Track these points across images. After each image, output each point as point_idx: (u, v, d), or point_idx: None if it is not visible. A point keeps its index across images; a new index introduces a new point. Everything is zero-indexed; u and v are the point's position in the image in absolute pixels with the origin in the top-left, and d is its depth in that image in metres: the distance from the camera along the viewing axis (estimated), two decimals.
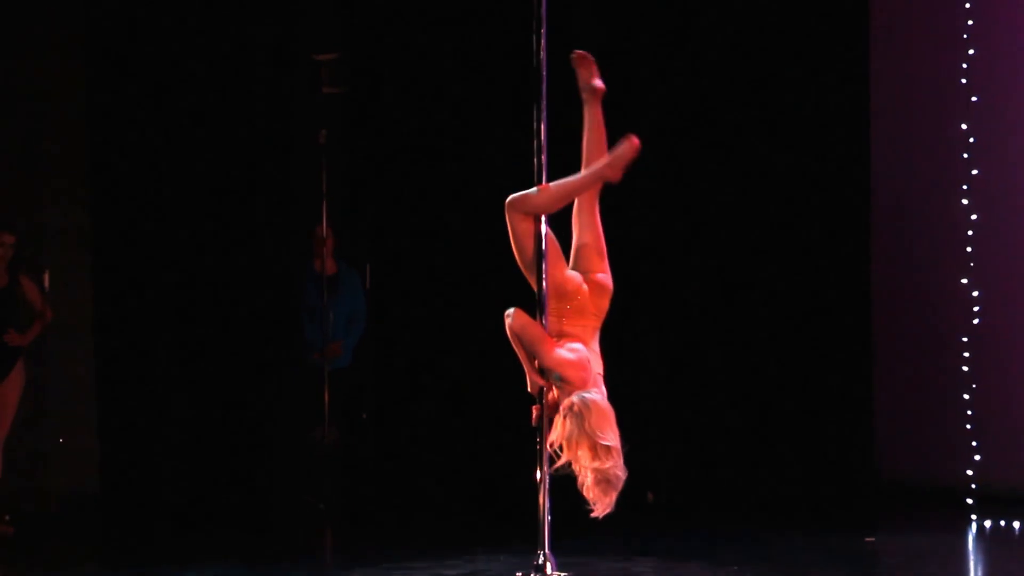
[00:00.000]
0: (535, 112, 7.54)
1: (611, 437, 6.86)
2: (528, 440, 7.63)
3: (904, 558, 9.19)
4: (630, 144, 7.19)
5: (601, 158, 7.22)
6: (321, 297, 11.34)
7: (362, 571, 7.69)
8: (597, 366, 7.16)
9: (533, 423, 7.22)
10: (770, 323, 11.74)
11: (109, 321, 11.34)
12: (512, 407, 10.82)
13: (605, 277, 7.28)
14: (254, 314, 11.31)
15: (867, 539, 9.78)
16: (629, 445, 7.05)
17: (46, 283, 11.24)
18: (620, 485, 6.84)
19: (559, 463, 6.94)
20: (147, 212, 11.32)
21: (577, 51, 7.41)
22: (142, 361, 11.26)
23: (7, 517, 10.62)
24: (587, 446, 6.86)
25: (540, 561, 7.39)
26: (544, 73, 7.51)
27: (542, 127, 7.52)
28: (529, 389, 7.27)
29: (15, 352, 10.69)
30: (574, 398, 6.89)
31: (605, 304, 7.26)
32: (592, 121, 7.42)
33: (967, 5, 11.32)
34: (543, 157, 7.53)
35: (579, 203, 7.31)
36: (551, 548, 7.42)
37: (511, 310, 7.22)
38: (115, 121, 11.35)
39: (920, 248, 11.79)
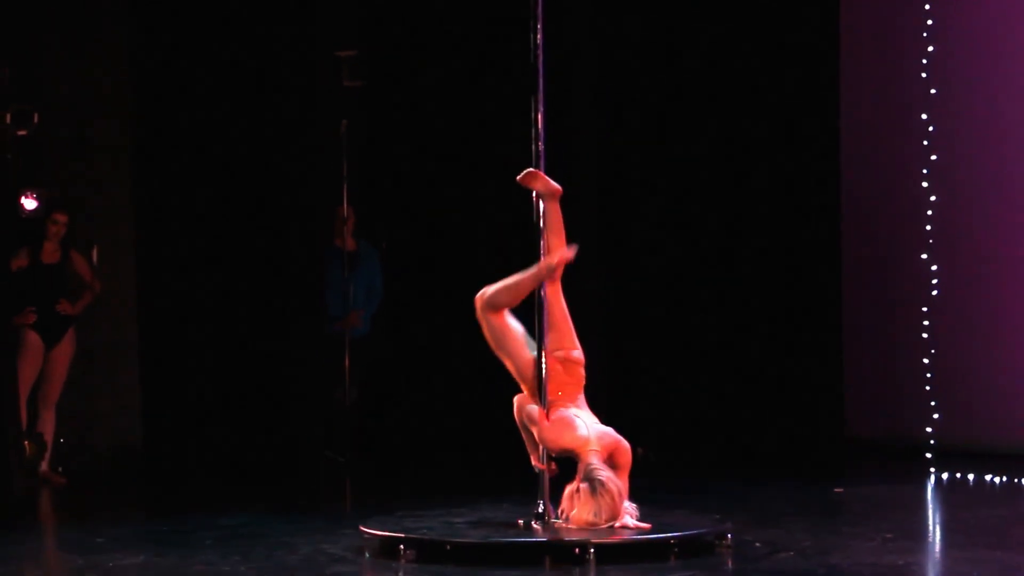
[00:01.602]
0: (533, 103, 7.49)
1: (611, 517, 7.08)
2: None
3: (870, 507, 9.16)
4: (568, 253, 7.39)
5: (547, 256, 7.38)
6: (342, 272, 11.34)
7: (378, 518, 7.64)
8: (586, 416, 7.32)
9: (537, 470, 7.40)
10: (748, 292, 11.67)
11: (151, 292, 11.31)
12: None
13: (576, 352, 7.44)
14: (282, 286, 11.27)
15: (836, 490, 9.73)
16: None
17: (95, 258, 11.22)
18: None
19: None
20: (186, 194, 11.28)
21: (522, 175, 7.42)
22: (181, 329, 11.23)
23: (60, 469, 10.60)
24: (590, 515, 7.08)
25: (540, 509, 7.36)
26: (541, 67, 7.45)
27: (539, 116, 7.46)
28: (533, 463, 7.43)
29: (67, 321, 10.67)
30: (591, 480, 7.07)
31: (580, 372, 7.44)
32: (552, 218, 7.47)
33: (927, 6, 11.29)
34: (540, 145, 7.47)
35: (544, 286, 7.41)
36: (549, 498, 7.40)
37: (515, 399, 7.45)
38: (156, 111, 11.31)
39: (884, 225, 11.76)
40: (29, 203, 10.61)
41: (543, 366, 7.36)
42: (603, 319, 11.70)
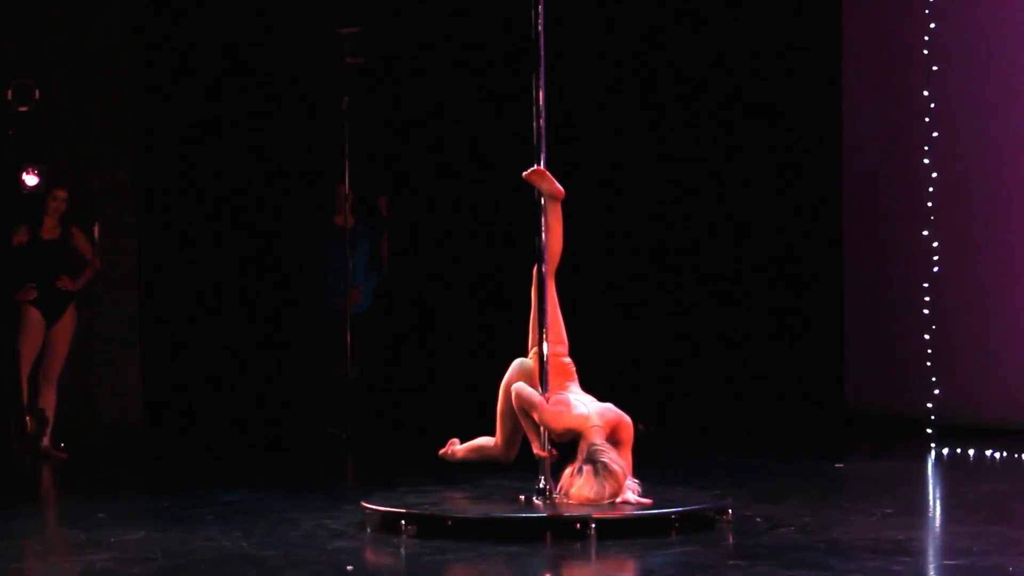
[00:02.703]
0: (534, 79, 7.47)
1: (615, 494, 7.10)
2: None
3: (870, 482, 9.16)
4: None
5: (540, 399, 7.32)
6: (343, 248, 11.33)
7: (379, 494, 7.64)
8: (583, 396, 7.35)
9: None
10: (748, 268, 11.67)
11: (152, 269, 11.30)
12: (514, 346, 10.79)
13: (561, 347, 7.47)
14: (284, 263, 11.26)
15: (836, 465, 9.73)
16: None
17: (95, 234, 11.19)
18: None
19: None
20: (187, 171, 11.27)
21: (528, 172, 7.40)
22: (182, 305, 11.22)
23: (62, 445, 10.59)
24: (592, 495, 7.09)
25: (541, 485, 7.35)
26: (542, 43, 7.43)
27: (540, 92, 7.44)
28: (534, 451, 7.39)
29: (67, 297, 10.65)
30: (595, 462, 7.07)
31: (563, 365, 7.45)
32: (552, 220, 7.47)
33: None
34: (541, 122, 7.45)
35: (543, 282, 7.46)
36: (550, 474, 7.40)
37: (512, 388, 7.41)
38: (158, 89, 11.29)
39: (885, 202, 11.74)
40: (30, 179, 10.59)
41: (544, 358, 7.34)
42: (602, 295, 11.70)
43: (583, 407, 7.27)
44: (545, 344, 7.40)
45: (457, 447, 7.88)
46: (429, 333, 11.67)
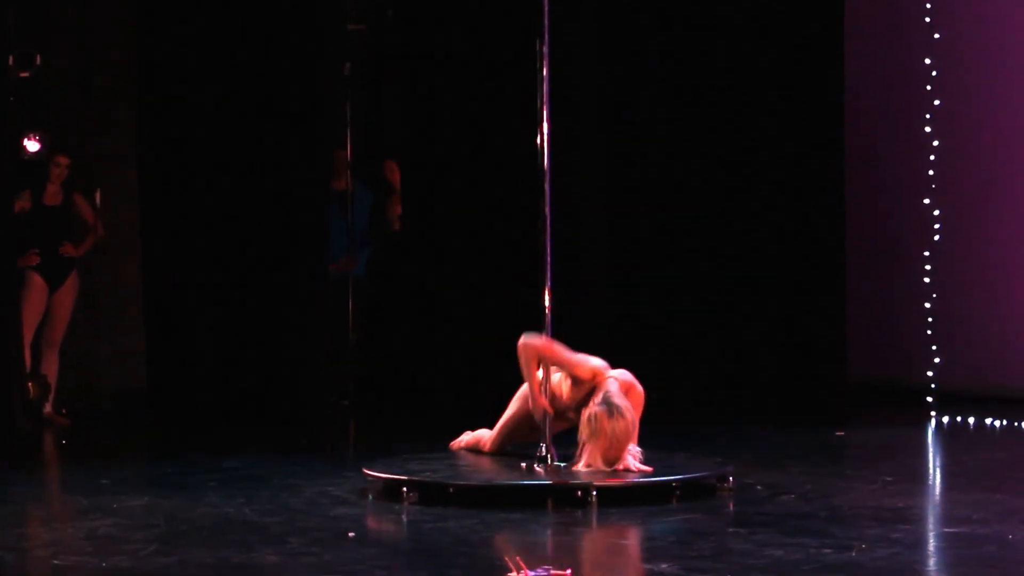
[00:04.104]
0: (538, 46, 7.44)
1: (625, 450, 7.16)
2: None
3: (870, 450, 9.17)
4: None
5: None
6: (343, 214, 11.32)
7: (381, 461, 7.65)
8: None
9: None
10: (750, 237, 11.65)
11: (154, 235, 11.28)
12: (515, 312, 10.78)
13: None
14: (285, 228, 11.23)
15: (837, 433, 9.74)
16: None
17: (98, 200, 11.18)
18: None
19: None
20: (189, 137, 11.23)
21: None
22: (184, 271, 11.20)
23: (64, 411, 10.59)
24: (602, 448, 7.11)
25: (542, 452, 7.35)
26: (547, 8, 7.41)
27: (544, 63, 7.42)
28: (535, 414, 7.41)
29: (70, 263, 10.64)
30: (609, 403, 7.13)
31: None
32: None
33: None
34: (545, 87, 7.42)
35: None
36: (552, 440, 7.40)
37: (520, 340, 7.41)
38: (160, 56, 11.24)
39: (887, 170, 11.72)
40: (32, 145, 10.56)
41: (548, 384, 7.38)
42: (606, 263, 11.69)
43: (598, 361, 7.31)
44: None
45: (462, 442, 7.91)
46: (430, 300, 11.64)
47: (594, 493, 6.90)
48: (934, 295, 11.11)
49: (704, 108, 11.64)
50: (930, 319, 11.10)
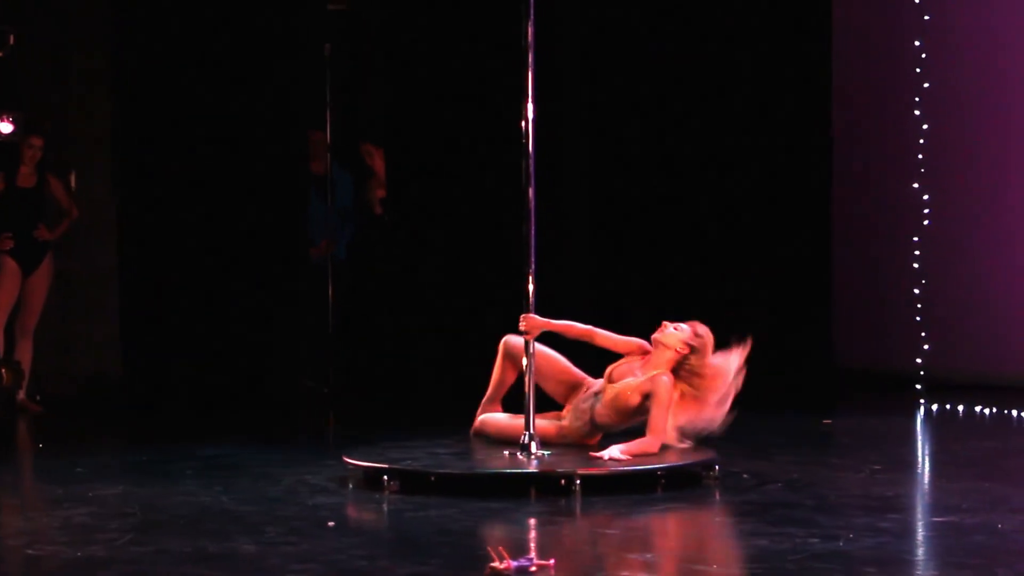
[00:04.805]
0: (524, 24, 7.42)
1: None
2: (512, 327, 7.57)
3: (858, 438, 9.18)
4: None
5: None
6: (322, 197, 11.30)
7: (361, 449, 7.64)
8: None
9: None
10: (735, 221, 11.64)
11: (130, 218, 11.24)
12: (497, 298, 10.77)
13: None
14: (263, 212, 11.21)
15: (824, 421, 9.74)
16: None
17: (72, 183, 11.14)
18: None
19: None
20: (166, 119, 11.19)
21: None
22: (160, 254, 11.17)
23: (37, 397, 10.57)
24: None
25: (525, 441, 7.35)
26: None
27: (529, 36, 7.40)
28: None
29: (44, 246, 10.60)
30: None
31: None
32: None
33: None
34: (530, 72, 7.40)
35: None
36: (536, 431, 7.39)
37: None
38: (136, 34, 11.19)
39: (875, 153, 11.72)
40: (5, 126, 10.53)
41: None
42: (591, 248, 11.67)
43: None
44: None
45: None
46: (412, 284, 11.62)
47: (578, 482, 6.89)
48: (923, 280, 11.11)
49: (690, 90, 11.62)
50: (919, 304, 11.10)
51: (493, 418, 7.70)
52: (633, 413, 7.35)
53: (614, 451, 7.17)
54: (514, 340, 7.62)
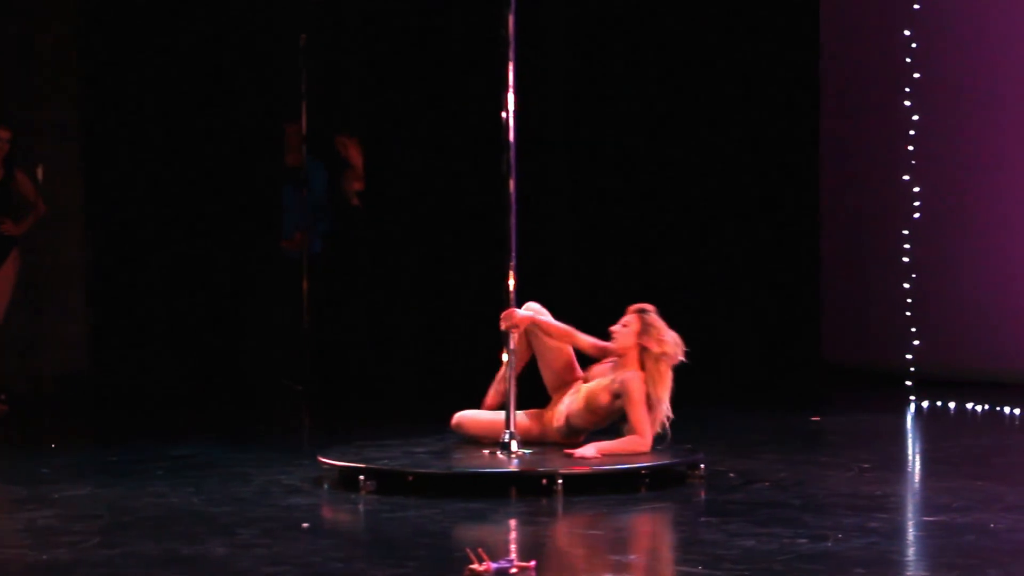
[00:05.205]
0: (504, 12, 7.41)
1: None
2: (492, 323, 7.56)
3: (847, 436, 9.19)
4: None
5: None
6: (296, 190, 11.29)
7: (337, 448, 7.62)
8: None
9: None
10: (723, 215, 11.66)
11: (99, 213, 11.22)
12: (477, 294, 10.76)
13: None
14: (235, 204, 11.20)
15: (813, 418, 9.75)
16: None
17: (40, 176, 11.10)
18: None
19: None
20: (135, 111, 11.17)
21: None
22: (129, 250, 11.15)
23: (3, 396, 10.52)
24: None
25: (506, 439, 7.34)
26: None
27: (511, 25, 7.39)
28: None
29: (10, 241, 10.55)
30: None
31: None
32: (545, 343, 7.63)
33: None
34: (511, 48, 7.39)
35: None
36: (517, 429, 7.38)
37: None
38: (105, 24, 11.17)
39: (864, 144, 11.72)
40: None
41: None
42: (573, 242, 11.68)
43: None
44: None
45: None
46: (388, 278, 11.61)
47: (560, 481, 6.88)
48: (913, 274, 11.12)
49: (676, 80, 11.63)
50: (909, 299, 11.11)
51: (472, 416, 7.68)
52: (606, 413, 7.36)
53: (588, 449, 7.18)
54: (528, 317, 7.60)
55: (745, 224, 11.66)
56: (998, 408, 9.85)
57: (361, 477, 7.08)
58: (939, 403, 10.18)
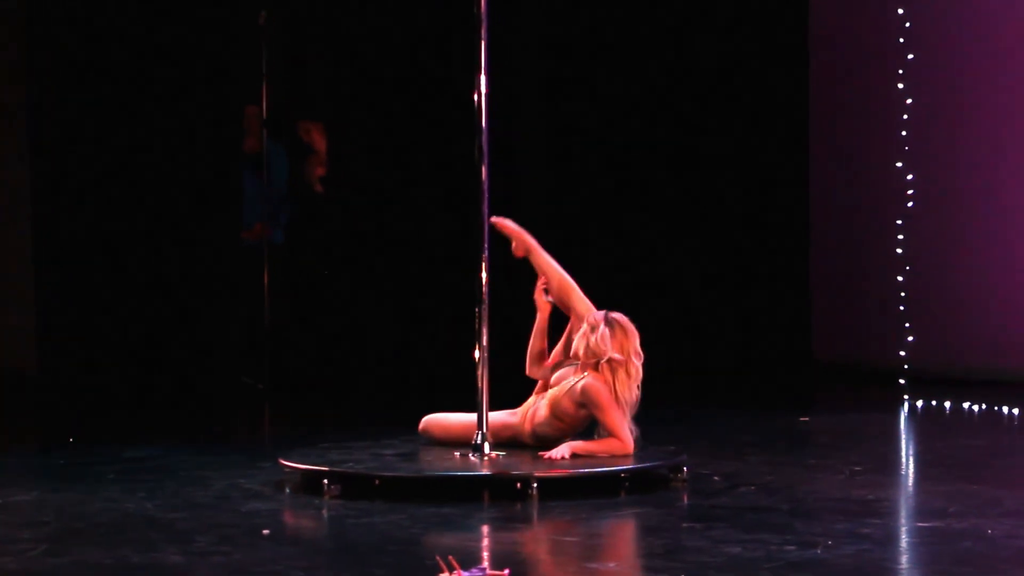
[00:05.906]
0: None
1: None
2: (465, 321, 7.56)
3: (838, 437, 9.22)
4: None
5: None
6: (255, 177, 11.28)
7: (300, 450, 7.62)
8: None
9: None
10: (712, 210, 11.70)
11: (46, 203, 11.19)
12: (447, 288, 10.76)
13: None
14: (191, 192, 11.18)
15: (802, 418, 9.78)
16: None
17: None
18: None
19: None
20: (86, 95, 11.13)
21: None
22: (80, 242, 11.12)
23: None
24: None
25: (478, 440, 7.34)
26: None
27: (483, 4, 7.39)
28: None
29: None
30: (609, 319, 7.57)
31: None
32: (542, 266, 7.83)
33: None
34: (483, 28, 7.38)
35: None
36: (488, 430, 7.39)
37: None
38: (53, 2, 11.13)
39: (855, 131, 11.75)
40: None
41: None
42: (552, 234, 11.67)
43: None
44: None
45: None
46: (354, 270, 11.61)
47: (535, 485, 6.89)
48: (907, 268, 11.16)
49: (659, 67, 11.65)
50: (902, 294, 11.15)
51: (439, 418, 7.69)
52: (573, 422, 7.36)
53: (563, 449, 7.17)
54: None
55: (732, 216, 11.70)
56: (995, 407, 9.88)
57: (325, 481, 7.07)
58: (934, 402, 10.22)
